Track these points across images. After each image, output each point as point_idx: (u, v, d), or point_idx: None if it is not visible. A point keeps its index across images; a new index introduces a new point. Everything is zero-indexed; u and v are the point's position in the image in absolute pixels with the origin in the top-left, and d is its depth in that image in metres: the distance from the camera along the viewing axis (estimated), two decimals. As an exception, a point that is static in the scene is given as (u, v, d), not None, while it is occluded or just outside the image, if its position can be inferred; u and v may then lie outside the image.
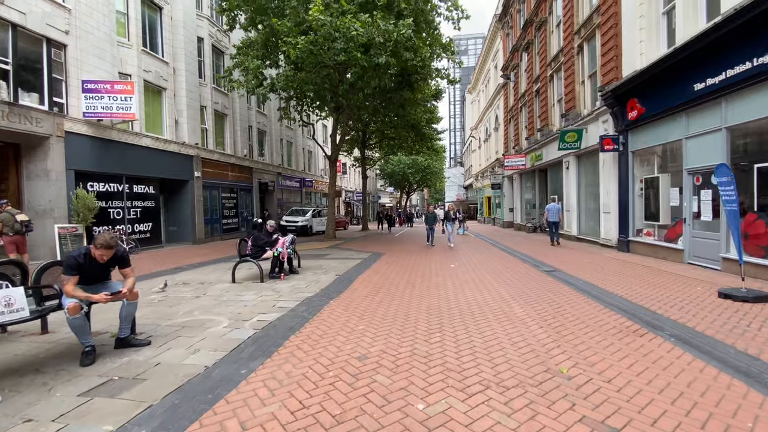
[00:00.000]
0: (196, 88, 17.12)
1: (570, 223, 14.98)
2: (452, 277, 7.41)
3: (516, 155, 21.86)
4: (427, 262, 9.63)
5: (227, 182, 19.38)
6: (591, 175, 13.83)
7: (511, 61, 24.32)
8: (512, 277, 7.49)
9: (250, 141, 22.21)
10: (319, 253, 12.26)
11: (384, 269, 8.43)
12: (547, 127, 17.81)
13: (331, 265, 9.17)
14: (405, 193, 51.94)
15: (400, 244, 15.48)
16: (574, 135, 13.57)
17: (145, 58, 14.32)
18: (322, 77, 12.77)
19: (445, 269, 8.49)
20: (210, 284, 7.05)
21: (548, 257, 10.26)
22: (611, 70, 11.60)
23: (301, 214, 22.53)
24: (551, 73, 17.24)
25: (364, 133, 26.55)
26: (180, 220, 16.56)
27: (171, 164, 15.34)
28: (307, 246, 14.93)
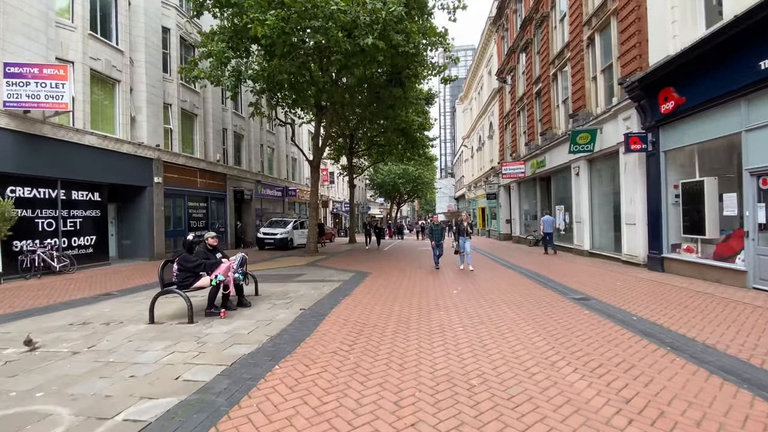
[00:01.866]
0: (159, 83, 15.12)
1: (581, 236, 13.24)
2: (460, 312, 5.47)
3: (514, 162, 20.25)
4: (423, 286, 7.68)
5: (196, 190, 17.25)
6: (607, 181, 12.16)
7: (507, 64, 22.97)
8: (539, 310, 5.58)
9: (225, 145, 20.17)
10: (291, 272, 10.21)
11: (368, 299, 6.44)
12: (550, 130, 16.24)
13: (300, 291, 7.14)
14: (395, 204, 50.18)
15: (390, 260, 13.51)
16: (587, 136, 11.93)
17: (93, 44, 12.31)
18: (299, 65, 10.91)
19: (448, 297, 6.55)
20: (118, 325, 4.97)
21: (567, 277, 8.41)
22: (633, 60, 10.02)
23: (281, 225, 20.42)
24: (554, 71, 15.75)
25: (352, 139, 24.79)
26: (135, 232, 14.34)
27: (124, 167, 13.20)
28: (281, 263, 12.85)
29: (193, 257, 5.23)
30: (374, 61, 10.65)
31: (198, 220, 17.49)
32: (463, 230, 10.12)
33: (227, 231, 19.74)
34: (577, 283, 7.76)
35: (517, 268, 10.43)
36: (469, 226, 10.39)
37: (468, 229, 10.17)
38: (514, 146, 21.97)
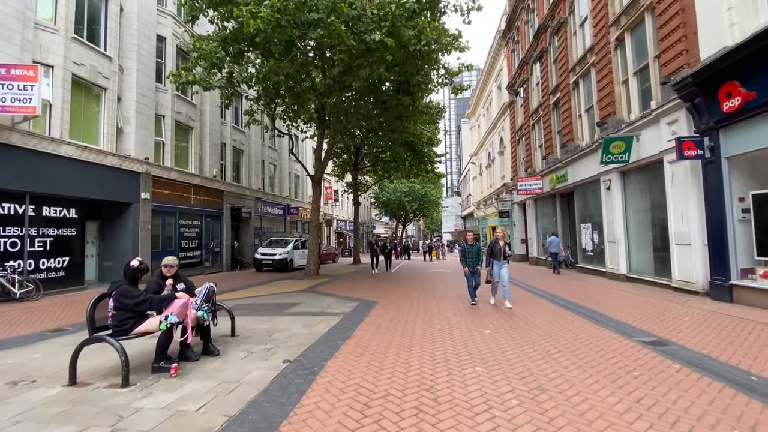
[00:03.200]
0: (151, 92, 14.14)
1: (615, 258, 11.68)
2: (504, 368, 3.98)
3: (530, 178, 18.89)
4: (444, 322, 6.18)
5: (189, 207, 16.03)
6: (646, 194, 10.71)
7: (519, 76, 21.97)
8: (612, 365, 4.08)
9: (222, 160, 19.09)
10: (285, 300, 8.75)
11: (375, 343, 4.95)
12: (572, 142, 14.94)
13: (289, 330, 5.66)
14: (401, 223, 48.78)
15: (398, 284, 12.00)
16: (621, 145, 10.57)
17: (77, 48, 11.36)
18: (298, 67, 9.80)
19: (480, 341, 5.05)
20: (28, 386, 3.56)
21: (617, 309, 6.87)
22: (678, 56, 8.77)
23: (281, 245, 19.05)
24: (575, 79, 14.58)
25: (357, 154, 23.69)
26: (118, 252, 13.01)
27: (106, 182, 12.02)
28: (275, 288, 11.41)
29: (136, 291, 3.82)
30: (382, 62, 9.49)
31: (190, 240, 16.19)
32: (498, 252, 7.50)
33: (222, 251, 18.40)
34: (634, 318, 6.23)
35: (548, 295, 8.87)
36: (507, 247, 7.64)
37: (506, 251, 7.51)
38: (528, 161, 20.67)
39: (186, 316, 3.94)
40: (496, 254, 7.54)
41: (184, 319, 3.95)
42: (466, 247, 7.86)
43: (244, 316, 6.74)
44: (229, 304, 8.62)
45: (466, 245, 7.87)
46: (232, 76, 10.04)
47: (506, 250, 7.55)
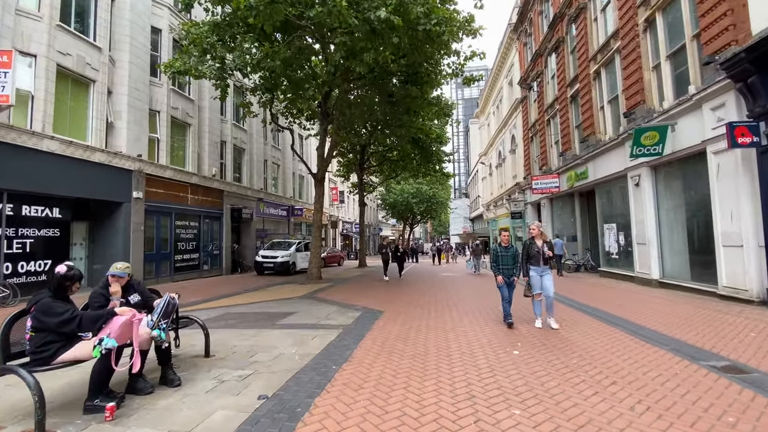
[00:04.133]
0: (144, 86, 13.42)
1: (646, 261, 10.58)
2: (547, 407, 3.01)
3: (546, 176, 17.81)
4: (463, 341, 5.20)
5: (186, 207, 15.26)
6: (683, 190, 9.62)
7: (532, 70, 20.92)
8: (683, 401, 3.11)
9: (223, 159, 18.34)
10: (279, 308, 7.84)
11: (379, 367, 3.98)
12: (593, 136, 13.86)
13: (276, 349, 4.72)
14: (408, 226, 47.74)
15: (406, 290, 11.04)
16: (654, 135, 9.50)
17: (63, 37, 10.65)
18: (296, 51, 8.93)
19: (509, 365, 4.07)
20: None
21: (665, 323, 5.82)
22: (723, 32, 7.72)
23: (283, 247, 18.22)
24: (597, 68, 13.52)
25: (362, 153, 22.82)
26: (108, 255, 12.23)
27: (95, 179, 11.27)
28: (273, 293, 10.52)
29: (60, 306, 2.90)
30: (388, 45, 8.57)
31: (187, 242, 15.40)
32: (536, 255, 5.72)
33: (222, 254, 17.61)
34: (689, 334, 5.19)
35: (577, 304, 7.82)
36: (546, 246, 5.75)
37: (545, 252, 5.71)
38: (543, 158, 19.58)
39: (132, 338, 3.03)
40: (534, 258, 5.77)
41: (129, 341, 3.04)
42: (499, 250, 5.99)
43: (228, 329, 5.84)
44: (217, 312, 7.80)
45: (500, 248, 6.00)
46: (224, 63, 9.20)
47: (545, 250, 5.72)
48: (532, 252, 5.80)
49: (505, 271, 5.95)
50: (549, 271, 5.82)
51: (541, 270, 5.75)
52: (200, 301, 9.38)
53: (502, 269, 5.95)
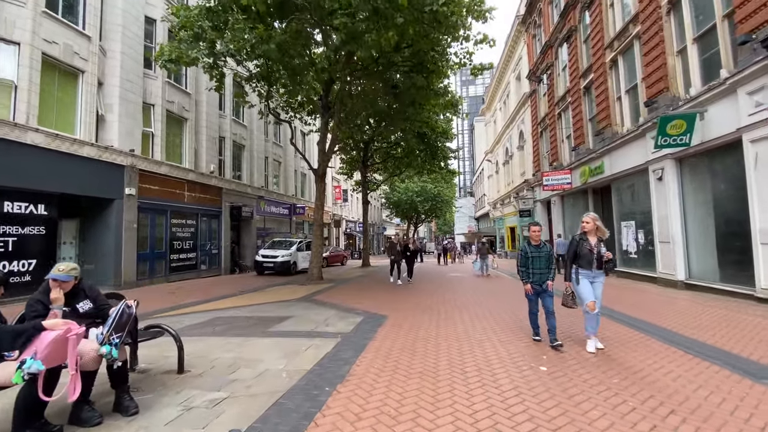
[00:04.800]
0: (138, 78, 12.85)
1: (670, 261, 9.82)
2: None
3: (557, 172, 17.04)
4: (479, 353, 4.53)
5: (182, 205, 14.69)
6: (713, 184, 8.87)
7: (542, 63, 20.15)
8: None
9: (221, 155, 17.77)
10: (274, 312, 7.21)
11: (379, 394, 3.29)
12: (609, 128, 13.10)
13: (262, 363, 4.07)
14: (412, 225, 47.03)
15: (414, 292, 10.37)
16: (681, 124, 8.75)
17: (49, 24, 10.09)
18: (293, 35, 8.28)
19: (539, 388, 3.40)
20: None
21: (707, 332, 5.12)
22: (762, 7, 6.99)
23: (284, 246, 17.62)
24: (613, 56, 12.75)
25: (366, 150, 22.17)
26: (100, 254, 11.72)
27: (84, 175, 10.72)
28: (270, 295, 9.90)
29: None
30: (392, 26, 7.90)
31: (184, 241, 14.84)
32: (587, 254, 4.38)
33: (221, 253, 17.04)
34: (740, 346, 4.49)
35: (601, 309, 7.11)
36: (602, 245, 4.41)
37: (601, 253, 4.34)
38: (554, 154, 18.81)
39: (67, 358, 2.40)
40: (585, 259, 4.36)
41: (63, 362, 2.41)
42: (529, 250, 4.73)
43: (213, 337, 5.21)
44: (207, 316, 7.18)
45: (529, 248, 4.74)
46: (214, 46, 8.57)
47: (602, 250, 4.32)
48: (582, 251, 4.39)
49: (537, 276, 4.67)
50: (603, 278, 4.46)
51: (593, 275, 4.40)
52: (192, 303, 8.78)
53: (533, 274, 4.67)
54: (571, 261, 4.51)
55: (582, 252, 4.41)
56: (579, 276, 4.43)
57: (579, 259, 4.44)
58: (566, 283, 4.61)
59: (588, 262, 4.38)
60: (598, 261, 4.34)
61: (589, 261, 4.38)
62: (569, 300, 4.58)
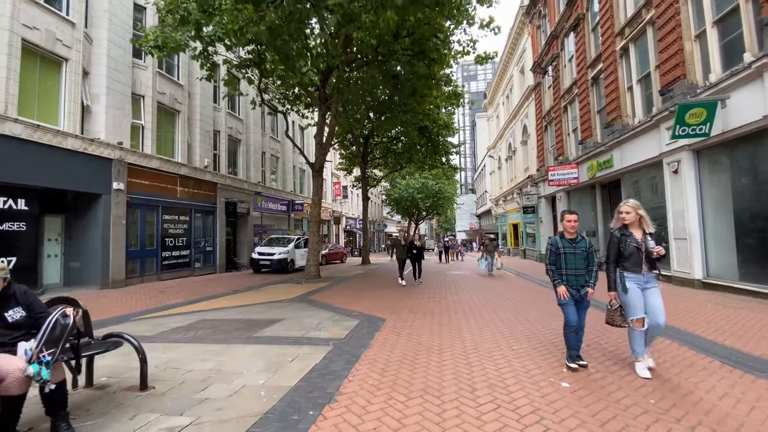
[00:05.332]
0: (126, 68, 12.30)
1: (687, 259, 9.28)
2: None
3: (563, 166, 16.48)
4: (489, 364, 4.00)
5: (174, 200, 14.17)
6: (732, 177, 8.31)
7: (547, 54, 19.51)
8: None
9: (216, 150, 17.23)
10: (264, 314, 6.69)
11: (375, 413, 2.78)
12: (618, 120, 12.52)
13: (240, 377, 3.55)
14: (413, 222, 46.50)
15: (414, 291, 9.85)
16: (701, 112, 8.17)
17: (28, 9, 9.53)
18: (285, 17, 7.72)
19: (565, 412, 2.87)
20: None
21: (748, 340, 4.57)
22: (797, -17, 6.39)
23: (282, 244, 17.13)
24: (624, 44, 12.15)
25: (366, 145, 21.63)
26: (86, 252, 11.22)
27: (68, 168, 10.20)
28: (263, 295, 9.40)
29: None
30: (390, 5, 7.33)
31: (177, 237, 14.33)
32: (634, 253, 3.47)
33: (216, 250, 16.53)
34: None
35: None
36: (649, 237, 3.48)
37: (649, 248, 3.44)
38: (559, 148, 18.22)
39: None
40: (631, 258, 3.47)
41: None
42: (562, 244, 3.72)
43: (192, 343, 4.70)
44: (192, 318, 6.64)
45: (562, 241, 3.74)
46: (200, 29, 7.99)
47: (650, 245, 3.42)
48: (627, 249, 3.45)
49: (573, 278, 3.65)
50: (656, 282, 3.52)
51: (644, 280, 3.47)
52: (181, 303, 8.28)
53: (568, 275, 3.67)
54: (615, 263, 3.56)
55: (627, 250, 3.46)
56: (626, 280, 3.48)
57: (626, 259, 3.48)
58: (611, 294, 3.55)
59: (636, 263, 3.44)
60: (649, 260, 3.44)
61: (636, 261, 3.43)
62: (617, 317, 3.52)
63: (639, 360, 3.54)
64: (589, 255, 3.70)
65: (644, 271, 3.46)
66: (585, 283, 3.66)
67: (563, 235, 3.79)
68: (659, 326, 3.44)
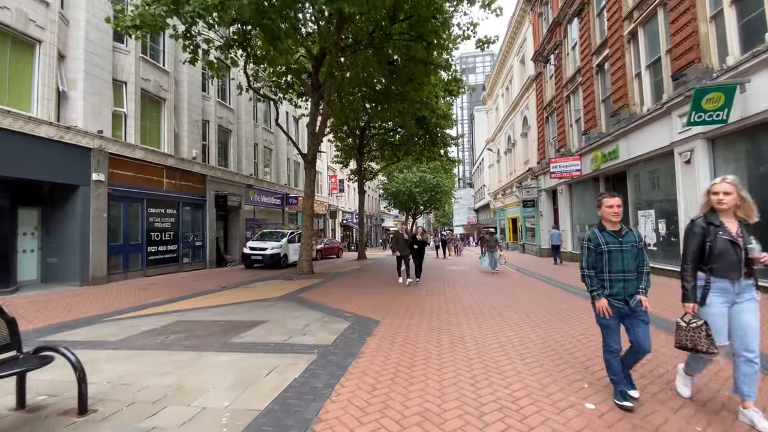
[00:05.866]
0: (106, 52, 11.59)
1: (699, 253, 8.76)
2: None
3: (566, 158, 15.94)
4: (497, 379, 3.47)
5: (161, 193, 13.53)
6: (749, 166, 7.80)
7: (549, 42, 18.87)
8: None
9: (205, 140, 16.56)
10: (247, 315, 6.14)
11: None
12: (626, 108, 11.96)
13: (205, 392, 3.00)
14: (411, 216, 45.96)
15: (410, 290, 9.31)
16: (719, 97, 7.62)
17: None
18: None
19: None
20: None
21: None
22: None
23: (275, 238, 16.56)
24: (633, 27, 11.55)
25: (362, 137, 21.01)
26: (64, 247, 10.61)
27: (43, 158, 9.55)
28: (251, 292, 8.84)
29: None
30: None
31: (163, 232, 13.71)
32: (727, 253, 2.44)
33: (206, 245, 15.93)
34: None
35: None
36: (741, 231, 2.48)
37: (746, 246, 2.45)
38: (561, 140, 17.66)
39: None
40: (723, 259, 2.46)
41: None
42: (602, 238, 2.79)
43: (159, 351, 4.14)
44: (168, 318, 6.06)
45: (603, 235, 2.80)
46: (178, 3, 7.33)
47: (752, 244, 2.46)
48: (717, 245, 2.46)
49: (620, 284, 2.72)
50: (754, 294, 2.51)
51: (735, 291, 2.49)
52: (161, 302, 7.71)
53: (613, 281, 2.73)
54: (696, 264, 2.56)
55: (718, 247, 2.45)
56: (711, 292, 2.51)
57: (715, 260, 2.47)
58: (687, 306, 2.58)
59: (729, 266, 2.43)
60: (746, 261, 2.44)
61: (731, 264, 2.43)
62: (700, 338, 2.46)
63: (748, 405, 2.44)
64: (639, 252, 2.77)
65: (741, 276, 2.44)
66: (634, 290, 2.71)
67: (603, 227, 2.82)
68: (751, 353, 2.40)
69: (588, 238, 2.87)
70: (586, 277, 2.84)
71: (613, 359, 2.77)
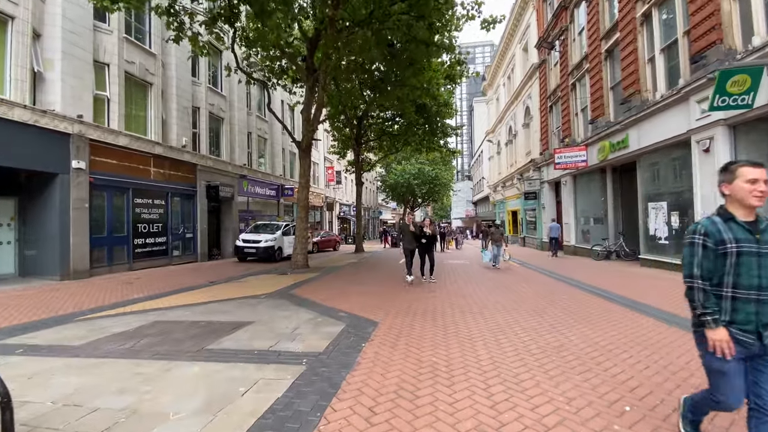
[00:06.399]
0: (86, 30, 10.84)
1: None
2: None
3: (571, 148, 15.36)
4: (517, 392, 2.94)
5: (148, 182, 12.87)
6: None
7: (554, 27, 18.17)
8: None
9: (196, 128, 15.85)
10: (230, 316, 5.59)
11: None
12: (637, 95, 11.37)
13: (163, 420, 2.48)
14: (409, 209, 45.41)
15: (410, 286, 8.77)
16: (745, 80, 7.02)
17: (-42, -48, 8.06)
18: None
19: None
20: None
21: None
22: None
23: (269, 230, 15.96)
24: (647, 8, 10.91)
25: (359, 127, 20.33)
26: (43, 239, 9.99)
27: (16, 144, 8.88)
28: (241, 288, 8.27)
29: None
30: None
31: (151, 223, 13.08)
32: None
33: (197, 237, 15.32)
34: None
35: (656, 311, 5.55)
36: None
37: None
38: (566, 129, 17.06)
39: None
40: None
41: None
42: (730, 234, 1.77)
43: (121, 360, 3.58)
44: (144, 318, 5.45)
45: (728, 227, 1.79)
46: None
47: None
48: None
49: (748, 307, 1.76)
50: None
51: None
52: (142, 299, 7.14)
53: (739, 299, 1.77)
54: None
55: None
56: None
57: None
58: None
59: None
60: None
61: None
62: None
63: None
64: None
65: None
66: None
67: (730, 215, 1.83)
68: None
69: (703, 231, 1.82)
70: (696, 292, 1.81)
71: (716, 407, 1.91)
